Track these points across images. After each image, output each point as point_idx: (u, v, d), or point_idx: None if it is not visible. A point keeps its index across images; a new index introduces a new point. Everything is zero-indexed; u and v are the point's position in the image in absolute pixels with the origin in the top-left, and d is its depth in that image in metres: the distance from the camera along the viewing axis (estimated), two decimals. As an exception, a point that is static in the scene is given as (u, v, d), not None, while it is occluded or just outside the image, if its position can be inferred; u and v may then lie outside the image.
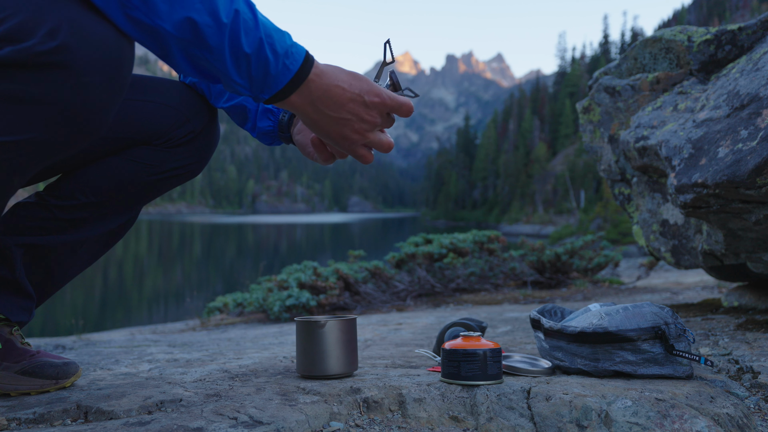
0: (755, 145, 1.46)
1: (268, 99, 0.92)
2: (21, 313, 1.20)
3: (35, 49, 0.79)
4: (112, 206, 1.23)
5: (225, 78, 0.88)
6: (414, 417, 1.08)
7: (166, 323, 5.98)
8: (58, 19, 0.81)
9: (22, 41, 0.79)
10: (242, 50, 0.85)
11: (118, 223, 1.27)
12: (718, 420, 0.99)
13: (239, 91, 0.91)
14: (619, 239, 21.12)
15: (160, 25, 0.82)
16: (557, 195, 61.25)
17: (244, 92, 0.90)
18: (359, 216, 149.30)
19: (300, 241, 41.80)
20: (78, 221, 1.20)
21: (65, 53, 0.81)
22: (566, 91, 75.61)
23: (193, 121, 1.25)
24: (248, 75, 0.88)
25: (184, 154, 1.26)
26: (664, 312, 1.19)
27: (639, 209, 2.32)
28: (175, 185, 1.30)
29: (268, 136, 1.32)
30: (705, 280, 4.69)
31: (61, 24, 0.81)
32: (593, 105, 2.43)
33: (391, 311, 4.05)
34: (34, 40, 0.79)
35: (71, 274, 1.27)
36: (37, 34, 0.80)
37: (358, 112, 0.96)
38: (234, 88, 0.90)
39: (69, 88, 0.83)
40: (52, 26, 0.80)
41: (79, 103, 0.85)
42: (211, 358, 1.73)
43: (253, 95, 0.91)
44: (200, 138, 1.27)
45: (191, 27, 0.82)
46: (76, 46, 0.82)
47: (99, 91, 0.87)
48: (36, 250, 1.18)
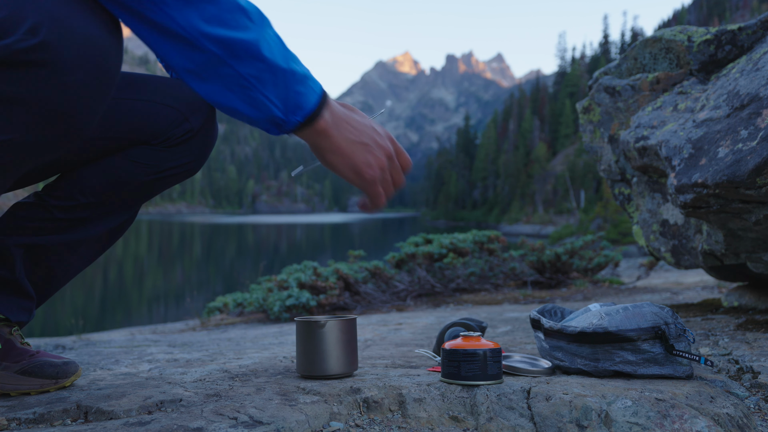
0: (755, 145, 1.46)
1: (302, 121, 0.91)
2: (21, 314, 1.20)
3: (15, 47, 0.77)
4: (111, 206, 1.23)
5: (261, 102, 0.87)
6: (414, 417, 1.08)
7: (166, 323, 5.98)
8: (40, 15, 0.78)
9: (2, 38, 0.77)
10: (279, 66, 0.86)
11: (117, 222, 1.27)
12: (718, 420, 0.99)
13: (270, 117, 0.89)
14: (619, 239, 21.12)
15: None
16: (557, 195, 61.25)
17: (276, 112, 0.89)
18: (359, 216, 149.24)
19: (300, 241, 41.80)
20: (77, 221, 1.20)
21: (47, 51, 0.78)
22: (566, 91, 75.61)
23: (191, 119, 1.24)
24: (285, 94, 0.88)
25: (183, 153, 1.25)
26: (664, 312, 1.19)
27: (639, 209, 2.32)
28: (173, 184, 1.29)
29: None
30: (705, 280, 4.69)
31: (43, 20, 0.78)
32: (593, 105, 2.43)
33: (391, 311, 4.05)
34: (15, 37, 0.77)
35: (71, 273, 1.27)
36: (18, 30, 0.77)
37: (374, 138, 0.97)
38: (267, 112, 0.89)
39: (51, 87, 0.81)
40: (34, 23, 0.77)
41: (63, 102, 0.83)
42: (211, 358, 1.73)
43: (285, 117, 0.90)
44: (198, 136, 1.26)
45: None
46: (58, 43, 0.79)
47: (83, 91, 0.84)
48: (36, 250, 1.18)
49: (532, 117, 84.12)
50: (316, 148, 0.96)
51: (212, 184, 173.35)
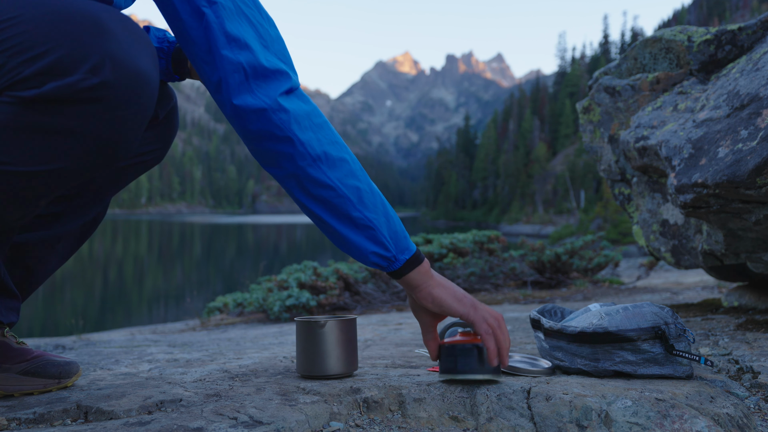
0: (755, 145, 1.46)
1: (408, 260, 1.09)
2: (10, 314, 1.19)
3: (78, 86, 0.80)
4: (84, 198, 1.24)
5: (378, 241, 1.07)
6: (414, 417, 1.08)
7: (166, 323, 5.98)
8: (101, 55, 0.81)
9: (65, 77, 0.80)
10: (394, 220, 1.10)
11: (91, 216, 1.28)
12: (718, 420, 0.99)
13: (385, 254, 1.08)
14: (619, 239, 21.13)
15: None
16: (557, 195, 61.25)
17: (391, 249, 1.08)
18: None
19: (300, 241, 41.79)
20: (52, 216, 1.20)
21: (106, 89, 0.82)
22: (566, 91, 75.61)
23: (157, 107, 1.26)
24: (395, 237, 1.08)
25: (150, 140, 1.27)
26: (664, 312, 1.19)
27: (639, 209, 2.32)
28: (141, 173, 1.32)
29: (162, 74, 1.31)
30: (705, 280, 4.69)
31: (104, 60, 0.81)
32: (593, 105, 2.43)
33: (391, 311, 4.05)
34: (78, 77, 0.80)
35: (50, 270, 1.26)
36: (80, 69, 0.80)
37: (474, 303, 1.13)
38: (382, 249, 1.08)
39: (105, 120, 0.85)
40: (95, 62, 0.81)
41: (113, 133, 0.87)
42: (211, 358, 1.73)
43: (395, 254, 1.08)
44: (164, 123, 1.29)
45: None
46: (116, 82, 0.83)
47: (132, 122, 0.88)
48: (14, 249, 1.17)
49: (532, 117, 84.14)
50: (419, 286, 1.10)
51: (212, 184, 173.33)
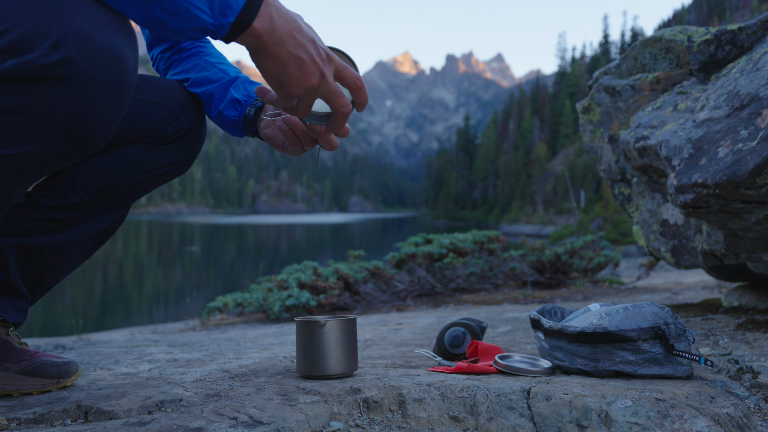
0: (755, 145, 1.46)
1: (232, 23, 0.84)
2: (16, 314, 1.20)
3: (39, 62, 0.77)
4: (103, 205, 1.23)
5: (184, 8, 0.81)
6: (414, 417, 1.08)
7: (166, 323, 5.98)
8: (63, 30, 0.78)
9: (25, 53, 0.77)
10: None
11: (108, 222, 1.27)
12: (718, 420, 0.99)
13: (198, 25, 0.83)
14: (619, 239, 21.13)
15: None
16: (557, 195, 61.25)
17: (205, 18, 0.83)
18: (359, 216, 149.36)
19: (300, 241, 41.80)
20: (70, 221, 1.19)
21: (70, 66, 0.79)
22: (566, 91, 75.59)
23: (183, 118, 1.25)
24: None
25: (174, 151, 1.26)
26: (664, 312, 1.19)
27: (639, 209, 2.32)
28: (164, 182, 1.30)
29: (233, 126, 1.31)
30: (705, 280, 4.69)
31: (67, 35, 0.78)
32: (593, 105, 2.43)
33: (391, 311, 4.05)
34: (38, 53, 0.77)
35: (63, 273, 1.26)
36: (41, 46, 0.77)
37: (311, 53, 0.91)
38: (193, 19, 0.83)
39: (72, 101, 0.81)
40: (57, 38, 0.77)
41: (83, 115, 0.83)
42: (211, 358, 1.73)
43: (216, 22, 0.83)
44: (189, 135, 1.28)
45: None
46: (81, 58, 0.79)
47: (103, 103, 0.85)
48: (29, 251, 1.17)
49: (532, 117, 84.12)
50: (253, 52, 0.89)
51: (212, 184, 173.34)
